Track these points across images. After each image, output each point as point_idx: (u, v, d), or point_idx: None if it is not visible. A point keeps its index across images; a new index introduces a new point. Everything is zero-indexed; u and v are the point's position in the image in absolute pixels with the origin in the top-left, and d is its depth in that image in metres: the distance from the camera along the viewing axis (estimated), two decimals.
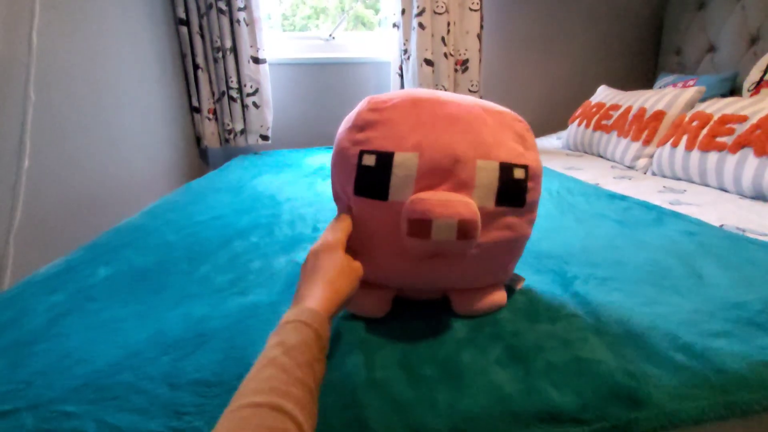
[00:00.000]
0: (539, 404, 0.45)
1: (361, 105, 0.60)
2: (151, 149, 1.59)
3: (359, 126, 0.57)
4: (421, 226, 0.50)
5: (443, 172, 0.53)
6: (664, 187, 1.25)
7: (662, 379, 0.48)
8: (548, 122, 2.25)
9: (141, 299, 0.67)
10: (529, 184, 0.57)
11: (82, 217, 1.18)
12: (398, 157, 0.54)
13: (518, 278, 0.68)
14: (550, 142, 2.06)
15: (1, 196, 0.94)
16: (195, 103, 1.90)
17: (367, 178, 0.55)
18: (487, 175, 0.54)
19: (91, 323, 0.60)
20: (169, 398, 0.45)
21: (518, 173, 0.56)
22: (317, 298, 0.46)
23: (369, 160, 0.55)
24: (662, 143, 1.38)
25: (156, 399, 0.45)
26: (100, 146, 1.28)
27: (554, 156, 1.75)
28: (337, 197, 0.63)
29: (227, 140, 1.97)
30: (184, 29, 1.79)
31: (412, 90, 0.61)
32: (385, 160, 0.54)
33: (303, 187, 1.33)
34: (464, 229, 0.50)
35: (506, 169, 0.55)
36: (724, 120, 1.20)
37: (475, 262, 0.57)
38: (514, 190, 0.56)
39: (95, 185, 1.25)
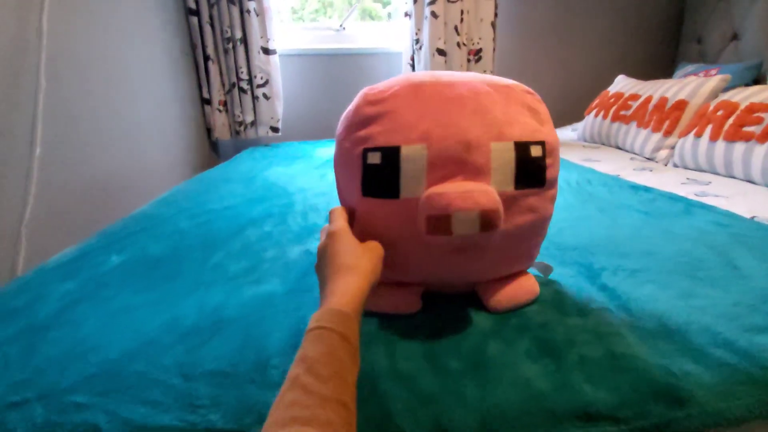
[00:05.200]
0: (573, 401, 0.42)
1: (357, 100, 0.55)
2: (162, 140, 1.58)
3: (359, 123, 0.53)
4: (440, 222, 0.46)
5: (456, 161, 0.49)
6: (687, 178, 1.21)
7: (704, 376, 0.45)
8: (564, 113, 2.19)
9: (154, 287, 0.65)
10: (548, 161, 0.53)
11: (93, 206, 1.17)
12: (405, 151, 0.49)
13: (547, 267, 0.64)
14: (566, 134, 2.01)
15: (13, 184, 0.93)
16: (206, 95, 1.88)
17: (374, 178, 0.51)
18: (502, 156, 0.50)
19: (104, 311, 0.58)
20: (183, 390, 0.43)
21: (535, 151, 0.52)
22: (341, 292, 0.42)
23: (374, 158, 0.50)
24: (685, 134, 1.33)
25: (170, 390, 0.43)
26: (111, 135, 1.27)
27: (570, 148, 1.71)
28: (343, 201, 0.59)
29: (237, 132, 1.96)
30: (194, 19, 1.77)
31: (409, 75, 0.56)
32: (392, 155, 0.50)
33: (314, 178, 1.31)
34: (486, 220, 0.46)
35: (522, 147, 0.51)
36: (752, 109, 1.15)
37: (501, 250, 0.54)
38: (533, 170, 0.52)
39: (106, 174, 1.24)
